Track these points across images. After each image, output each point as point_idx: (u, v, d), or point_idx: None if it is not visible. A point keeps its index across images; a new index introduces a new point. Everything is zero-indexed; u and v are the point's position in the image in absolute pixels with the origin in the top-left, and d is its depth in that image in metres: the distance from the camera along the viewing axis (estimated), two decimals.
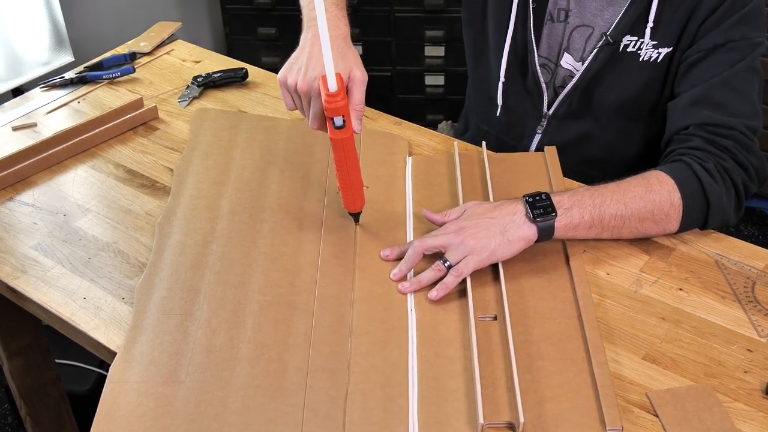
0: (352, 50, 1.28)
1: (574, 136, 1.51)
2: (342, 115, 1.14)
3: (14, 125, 1.55)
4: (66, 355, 2.09)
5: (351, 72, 1.23)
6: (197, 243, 1.26)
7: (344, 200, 1.27)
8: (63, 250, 1.27)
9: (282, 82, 1.27)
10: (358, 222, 1.29)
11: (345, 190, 1.24)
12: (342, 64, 1.22)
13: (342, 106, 1.14)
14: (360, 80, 1.22)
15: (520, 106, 1.54)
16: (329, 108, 1.14)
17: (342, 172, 1.22)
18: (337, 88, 1.13)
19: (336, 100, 1.13)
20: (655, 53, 1.37)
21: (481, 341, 1.09)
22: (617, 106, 1.45)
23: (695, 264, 1.23)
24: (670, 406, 1.02)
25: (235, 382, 1.05)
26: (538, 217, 1.17)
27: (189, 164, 1.43)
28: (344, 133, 1.16)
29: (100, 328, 1.14)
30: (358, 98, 1.22)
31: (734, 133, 1.28)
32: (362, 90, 1.23)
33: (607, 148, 1.51)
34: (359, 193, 1.26)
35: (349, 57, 1.25)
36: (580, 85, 1.44)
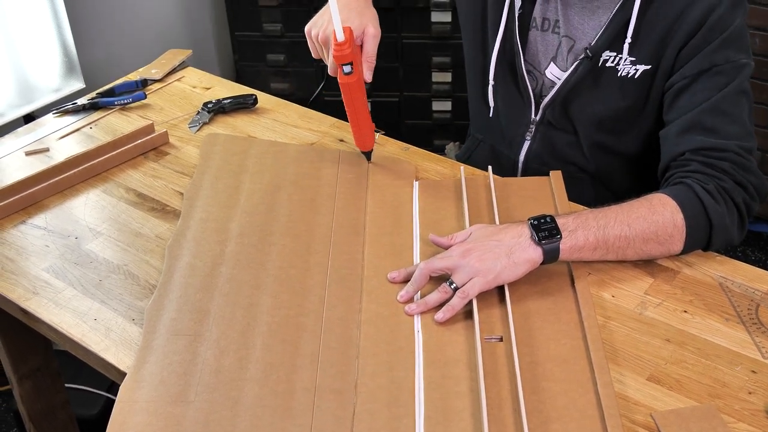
0: (371, 10, 1.41)
1: (560, 143, 1.53)
2: (350, 62, 1.31)
3: (27, 150, 1.58)
4: (75, 380, 2.10)
5: (366, 28, 1.36)
6: (207, 265, 1.28)
7: (356, 139, 1.46)
8: (74, 272, 1.29)
9: (308, 33, 1.42)
10: (370, 160, 1.49)
11: (355, 129, 1.43)
12: (358, 20, 1.36)
13: (347, 54, 1.31)
14: (372, 35, 1.36)
15: (510, 111, 1.57)
16: (336, 55, 1.31)
17: (351, 113, 1.39)
18: (344, 38, 1.30)
19: (342, 48, 1.31)
20: (633, 69, 1.39)
21: (487, 362, 1.10)
22: (596, 119, 1.47)
23: (700, 286, 1.24)
24: (675, 426, 1.02)
25: (244, 402, 1.07)
26: (543, 240, 1.19)
27: (199, 188, 1.45)
28: (350, 78, 1.33)
29: (111, 349, 1.16)
30: (371, 51, 1.37)
31: (730, 155, 1.29)
32: (374, 44, 1.37)
33: (591, 158, 1.53)
34: (369, 134, 1.45)
35: (367, 15, 1.39)
36: (558, 96, 1.47)
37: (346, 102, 1.37)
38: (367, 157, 1.49)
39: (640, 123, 1.45)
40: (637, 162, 1.52)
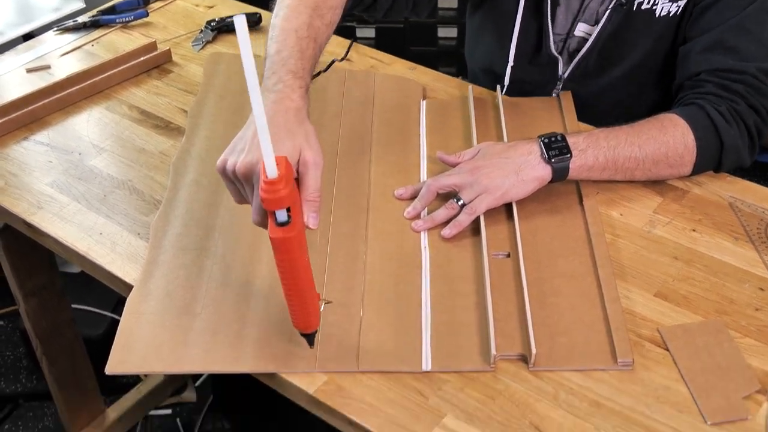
0: (304, 127, 1.06)
1: (589, 94, 1.49)
2: (285, 207, 0.89)
3: (28, 67, 1.56)
4: (79, 301, 2.11)
5: (302, 153, 1.01)
6: (212, 182, 1.27)
7: (293, 318, 0.99)
8: (78, 187, 1.28)
9: (219, 168, 1.04)
10: (313, 345, 1.01)
11: (293, 305, 0.97)
12: (290, 143, 1.01)
13: (284, 197, 0.88)
14: (312, 163, 1.01)
15: (533, 80, 1.50)
16: (267, 199, 0.88)
17: (288, 282, 0.94)
18: (278, 175, 0.87)
19: (276, 189, 0.87)
20: (674, 7, 1.35)
21: (494, 278, 1.10)
22: (633, 62, 1.43)
23: (709, 206, 1.23)
24: (681, 340, 1.02)
25: (251, 315, 1.07)
26: (553, 158, 1.17)
27: (203, 106, 1.43)
28: (288, 230, 0.89)
29: (117, 263, 1.15)
30: (313, 186, 1.00)
31: (746, 77, 1.27)
32: (317, 175, 1.01)
33: (623, 103, 1.50)
34: (313, 310, 0.98)
35: (299, 135, 1.04)
36: (595, 47, 1.41)
37: (279, 265, 0.92)
38: (309, 342, 1.01)
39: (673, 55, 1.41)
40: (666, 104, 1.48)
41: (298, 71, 1.12)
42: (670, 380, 0.98)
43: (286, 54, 1.14)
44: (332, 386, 0.98)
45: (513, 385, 0.98)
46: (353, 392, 0.97)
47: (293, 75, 1.12)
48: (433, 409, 0.95)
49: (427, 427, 0.93)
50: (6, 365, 2.27)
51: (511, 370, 1.00)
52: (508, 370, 1.00)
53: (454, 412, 0.95)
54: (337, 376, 0.99)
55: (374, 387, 0.98)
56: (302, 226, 0.95)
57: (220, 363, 1.01)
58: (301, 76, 1.12)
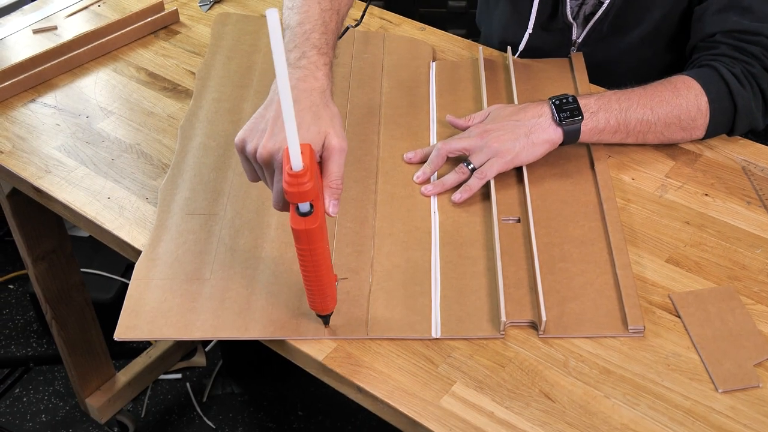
0: (329, 109, 1.02)
1: (603, 58, 1.46)
2: (309, 200, 0.86)
3: (34, 28, 1.54)
4: (89, 265, 2.12)
5: (326, 138, 0.98)
6: (220, 145, 1.26)
7: (310, 301, 0.98)
8: (86, 151, 1.27)
9: (239, 147, 1.01)
10: (328, 324, 1.01)
11: (311, 289, 0.96)
12: (315, 127, 0.98)
13: (308, 191, 0.85)
14: (338, 149, 0.98)
15: (546, 46, 1.48)
16: (291, 192, 0.85)
17: (308, 269, 0.93)
18: (304, 167, 0.84)
19: (301, 183, 0.84)
20: None
21: (504, 243, 1.09)
22: (649, 24, 1.40)
23: (721, 170, 1.22)
24: (693, 307, 1.02)
25: (260, 280, 1.06)
26: (564, 120, 1.16)
27: (211, 68, 1.42)
28: (311, 222, 0.87)
29: (125, 228, 1.15)
30: (336, 173, 0.97)
31: (762, 39, 1.25)
32: (340, 162, 0.98)
33: (637, 67, 1.48)
34: (330, 293, 0.97)
35: (325, 118, 1.00)
36: (611, 11, 1.39)
37: (300, 253, 0.91)
38: (324, 322, 1.01)
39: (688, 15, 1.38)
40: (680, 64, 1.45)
41: (322, 46, 1.09)
42: (681, 347, 0.98)
43: (309, 27, 1.10)
44: (341, 353, 0.98)
45: (523, 353, 0.97)
46: (362, 359, 0.97)
47: (317, 51, 1.08)
48: (443, 377, 0.95)
49: (437, 394, 0.93)
50: (16, 329, 2.29)
51: (520, 337, 0.99)
52: (517, 337, 0.99)
53: (463, 380, 0.94)
54: (347, 343, 0.99)
55: (383, 354, 0.98)
56: (324, 215, 0.93)
57: (229, 329, 1.01)
58: (325, 52, 1.08)
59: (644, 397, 0.92)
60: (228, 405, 2.10)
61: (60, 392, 2.13)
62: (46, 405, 2.10)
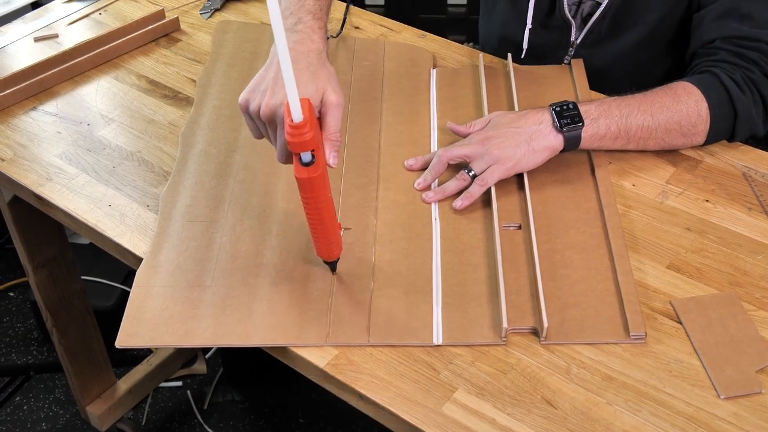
0: (326, 69, 1.10)
1: (601, 61, 1.47)
2: (310, 149, 0.94)
3: (36, 36, 1.55)
4: (89, 273, 2.12)
5: (324, 95, 1.06)
6: (221, 152, 1.26)
7: (317, 248, 1.06)
8: (87, 158, 1.27)
9: (243, 106, 1.09)
10: (335, 271, 1.08)
11: (317, 237, 1.03)
12: (313, 86, 1.06)
13: (309, 140, 0.93)
14: (335, 104, 1.05)
15: (544, 45, 1.48)
16: (293, 142, 0.93)
17: (312, 216, 1.00)
18: (303, 119, 0.92)
19: (301, 133, 0.92)
20: None
21: (506, 249, 1.09)
22: (646, 28, 1.41)
23: (722, 176, 1.22)
24: (694, 313, 1.02)
25: (261, 288, 1.06)
26: (565, 127, 1.16)
27: (212, 75, 1.42)
28: (313, 170, 0.95)
29: (126, 235, 1.15)
30: (334, 126, 1.04)
31: (761, 45, 1.25)
32: (338, 116, 1.05)
33: (635, 71, 1.48)
34: (335, 240, 1.05)
35: (322, 77, 1.08)
36: (608, 12, 1.39)
37: (305, 201, 0.98)
38: (331, 269, 1.08)
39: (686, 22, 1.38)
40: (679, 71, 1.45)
41: (317, 12, 1.16)
42: (683, 353, 0.98)
43: None
44: (343, 360, 0.98)
45: (525, 359, 0.97)
46: (364, 366, 0.97)
47: (312, 16, 1.15)
48: (444, 384, 0.95)
49: (438, 401, 0.93)
50: (17, 337, 2.28)
51: (522, 343, 0.99)
52: (519, 344, 0.99)
53: (465, 387, 0.94)
54: (348, 349, 0.99)
55: (385, 361, 0.97)
56: (325, 164, 1.00)
57: (231, 337, 1.01)
58: (319, 17, 1.16)
59: (646, 404, 0.92)
60: (229, 412, 2.09)
61: (60, 400, 2.12)
62: (46, 413, 2.10)
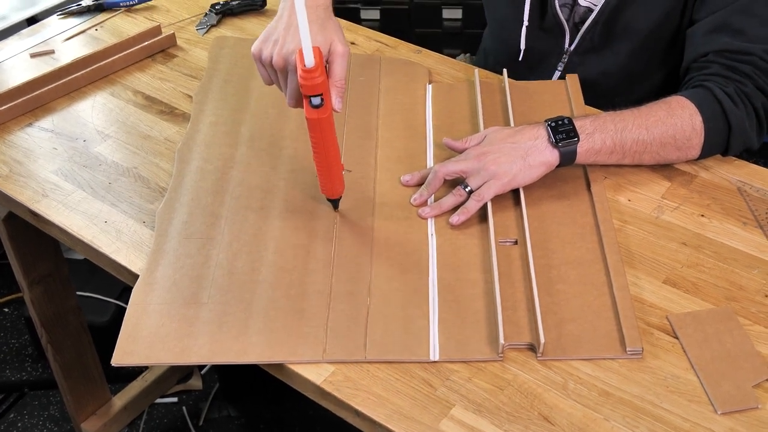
0: (333, 21, 1.19)
1: (594, 70, 1.48)
2: (320, 93, 1.05)
3: (32, 52, 1.55)
4: (84, 288, 2.11)
5: (331, 45, 1.14)
6: (217, 169, 1.26)
7: (321, 185, 1.16)
8: (83, 174, 1.27)
9: (256, 55, 1.18)
10: (338, 208, 1.19)
11: (322, 174, 1.14)
12: (321, 36, 1.14)
13: (319, 84, 1.04)
14: (341, 54, 1.13)
15: (539, 48, 1.50)
16: (305, 85, 1.04)
17: (319, 155, 1.11)
18: (315, 64, 1.03)
19: (313, 77, 1.03)
20: None
21: (502, 265, 1.09)
22: (638, 37, 1.42)
23: (717, 191, 1.22)
24: (691, 328, 1.02)
25: (257, 304, 1.06)
26: (560, 142, 1.16)
27: (208, 91, 1.42)
28: (322, 112, 1.05)
29: (122, 251, 1.15)
30: (339, 74, 1.12)
31: (753, 59, 1.26)
32: (343, 65, 1.13)
33: (628, 81, 1.49)
34: (338, 178, 1.15)
35: (330, 28, 1.17)
36: (600, 19, 1.41)
37: (313, 141, 1.10)
38: (334, 206, 1.19)
39: (679, 35, 1.39)
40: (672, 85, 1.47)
41: None
42: (679, 369, 0.98)
43: None
44: (340, 377, 0.98)
45: (521, 375, 0.97)
46: (361, 383, 0.97)
47: None
48: (441, 400, 0.95)
49: (436, 418, 0.93)
50: (11, 353, 2.28)
51: (519, 359, 0.99)
52: (516, 360, 0.99)
53: (462, 403, 0.94)
54: (345, 366, 0.99)
55: (382, 377, 0.97)
56: (331, 108, 1.09)
57: (227, 354, 1.01)
58: None
59: (643, 420, 0.92)
60: (225, 428, 2.09)
61: (55, 417, 2.11)
62: (41, 430, 2.09)
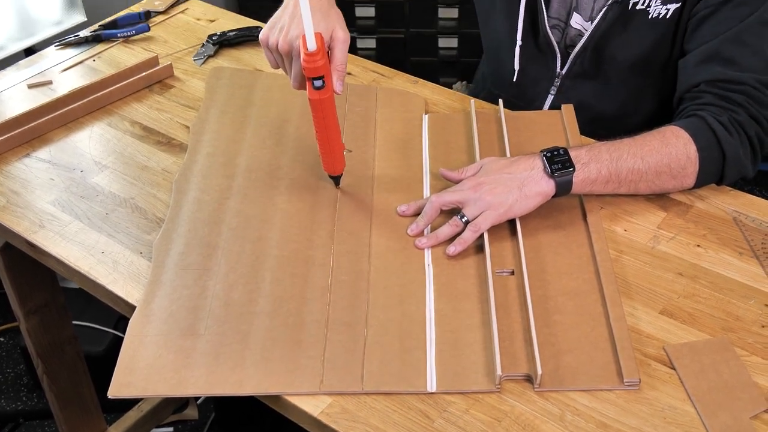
0: (335, 10, 1.26)
1: (586, 95, 1.49)
2: (321, 75, 1.13)
3: (30, 83, 1.55)
4: (81, 317, 2.11)
5: (333, 32, 1.21)
6: (214, 199, 1.27)
7: (324, 163, 1.25)
8: (80, 205, 1.28)
9: (263, 41, 1.26)
10: (339, 185, 1.28)
11: (324, 152, 1.23)
12: (324, 24, 1.21)
13: (321, 66, 1.12)
14: (342, 40, 1.20)
15: (532, 69, 1.52)
16: (308, 68, 1.12)
17: (321, 133, 1.20)
18: (316, 48, 1.11)
19: (315, 60, 1.12)
20: (664, 9, 1.35)
21: (499, 296, 1.10)
22: (628, 64, 1.43)
23: (713, 221, 1.23)
24: (687, 359, 1.02)
25: (254, 335, 1.06)
26: (556, 172, 1.17)
27: (205, 122, 1.43)
28: (323, 93, 1.14)
29: (119, 282, 1.15)
30: (340, 58, 1.20)
31: (746, 88, 1.27)
32: (344, 50, 1.21)
33: (620, 108, 1.50)
34: (339, 156, 1.24)
35: (332, 17, 1.23)
36: (589, 45, 1.43)
37: (315, 120, 1.19)
38: (335, 183, 1.29)
39: (669, 64, 1.41)
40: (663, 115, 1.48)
41: None
42: (676, 400, 0.98)
43: None
44: (337, 408, 0.97)
45: (519, 406, 0.97)
46: (358, 414, 0.97)
47: None
48: None
49: None
50: (7, 383, 2.26)
51: (516, 390, 0.99)
52: (513, 391, 0.99)
53: None
54: (342, 398, 0.99)
55: (379, 409, 0.97)
56: (332, 89, 1.17)
57: (224, 385, 1.00)
58: None
59: None
60: None
61: None
62: None
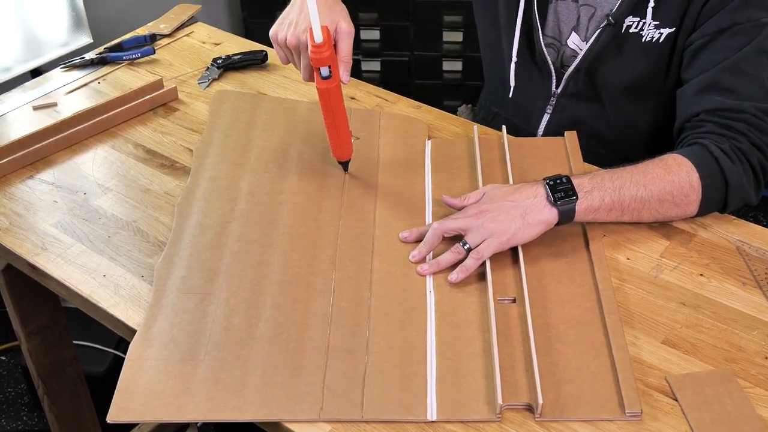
0: (339, 5, 1.32)
1: (582, 115, 1.50)
2: (328, 65, 1.21)
3: (35, 105, 1.56)
4: (82, 337, 2.10)
5: (338, 25, 1.27)
6: (216, 223, 1.27)
7: (333, 149, 1.33)
8: (83, 228, 1.28)
9: (273, 37, 1.33)
10: (347, 171, 1.36)
11: (333, 138, 1.30)
12: (329, 17, 1.27)
13: (327, 57, 1.20)
14: (347, 32, 1.27)
15: (529, 86, 1.53)
16: (315, 58, 1.20)
17: (329, 121, 1.28)
18: (323, 39, 1.19)
19: (321, 51, 1.19)
20: (657, 33, 1.36)
21: (500, 324, 1.09)
22: (622, 87, 1.44)
23: (716, 250, 1.23)
24: (690, 390, 1.01)
25: (254, 361, 1.06)
26: (559, 200, 1.17)
27: (209, 145, 1.43)
28: (330, 83, 1.22)
29: (120, 306, 1.15)
30: (346, 50, 1.26)
31: (746, 116, 1.27)
32: (349, 42, 1.27)
33: (616, 128, 1.51)
34: (347, 143, 1.32)
35: (336, 11, 1.29)
36: (583, 66, 1.43)
37: (324, 109, 1.26)
38: (344, 168, 1.36)
39: (664, 88, 1.42)
40: (660, 135, 1.49)
41: None
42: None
43: None
44: None
45: None
46: None
47: None
48: None
49: None
50: (7, 402, 2.26)
51: (517, 419, 0.99)
52: (514, 420, 0.98)
53: None
54: (342, 425, 0.98)
55: None
56: (339, 79, 1.24)
57: (223, 411, 1.00)
58: None
59: None
60: None
61: None
62: None
